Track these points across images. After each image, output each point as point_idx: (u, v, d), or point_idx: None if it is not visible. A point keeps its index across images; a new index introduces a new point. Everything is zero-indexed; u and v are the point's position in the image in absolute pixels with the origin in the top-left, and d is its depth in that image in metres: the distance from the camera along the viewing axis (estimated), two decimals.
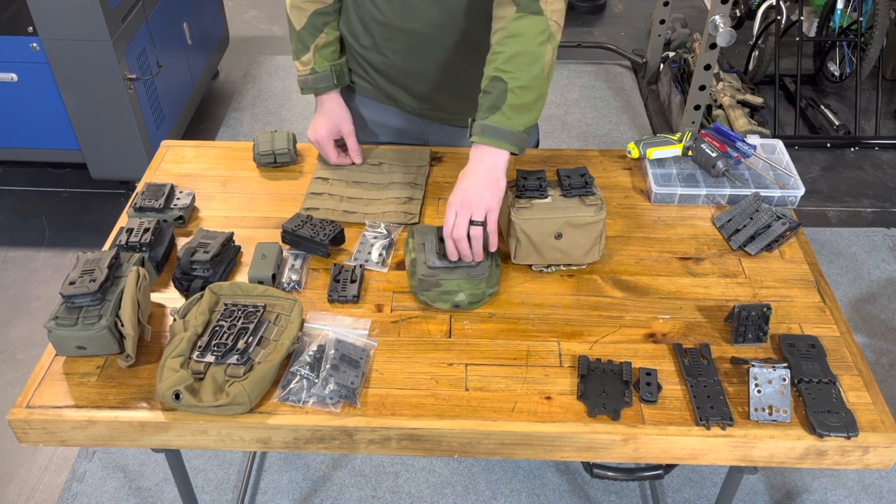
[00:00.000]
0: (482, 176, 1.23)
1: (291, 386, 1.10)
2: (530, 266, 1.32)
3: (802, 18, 3.44)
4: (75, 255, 2.33)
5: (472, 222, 1.22)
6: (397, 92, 1.52)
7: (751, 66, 3.62)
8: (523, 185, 1.30)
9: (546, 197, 1.29)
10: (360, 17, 1.43)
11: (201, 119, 3.37)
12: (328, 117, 1.50)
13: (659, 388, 1.11)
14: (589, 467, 1.54)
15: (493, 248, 1.25)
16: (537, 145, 1.69)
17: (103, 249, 1.23)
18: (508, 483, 1.95)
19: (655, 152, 1.51)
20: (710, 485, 1.95)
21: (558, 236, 1.26)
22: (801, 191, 1.45)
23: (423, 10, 1.34)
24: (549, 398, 1.10)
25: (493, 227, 1.24)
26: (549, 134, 3.28)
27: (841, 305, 2.34)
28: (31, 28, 2.39)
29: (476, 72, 1.37)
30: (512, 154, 1.25)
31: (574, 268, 1.32)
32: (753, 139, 1.53)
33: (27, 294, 2.49)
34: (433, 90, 1.48)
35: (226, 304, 1.17)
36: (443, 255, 1.26)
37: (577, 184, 1.30)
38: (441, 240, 1.28)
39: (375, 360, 1.16)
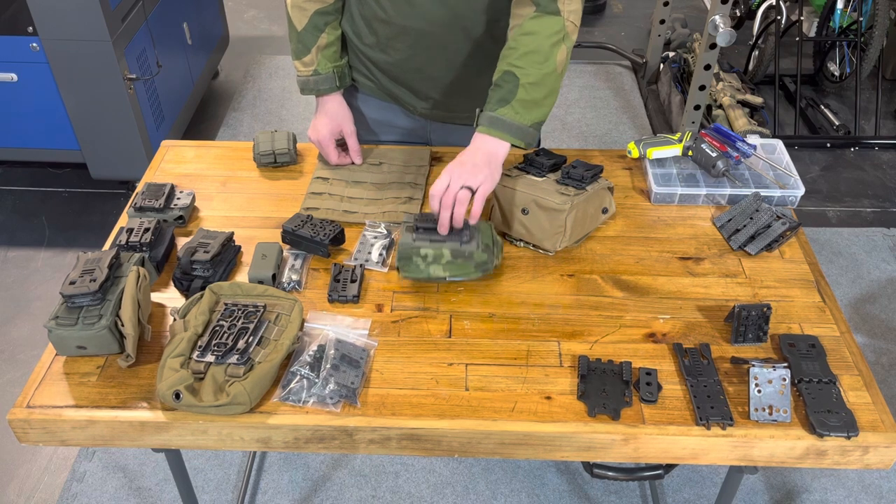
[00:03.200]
0: (481, 158, 1.26)
1: (291, 386, 1.10)
2: (504, 235, 1.38)
3: (802, 18, 3.44)
4: (75, 255, 2.34)
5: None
6: (400, 91, 1.52)
7: (751, 66, 3.62)
8: (531, 160, 1.38)
9: (542, 177, 1.35)
10: (363, 15, 1.43)
11: (201, 119, 3.37)
12: (329, 117, 1.50)
13: (659, 387, 1.11)
14: (589, 467, 1.53)
15: (473, 220, 1.25)
16: (539, 145, 1.69)
17: (103, 249, 1.23)
18: (508, 483, 1.95)
19: (655, 152, 1.51)
20: (710, 485, 1.95)
21: (524, 211, 1.32)
22: (801, 191, 1.45)
23: (428, 8, 1.34)
24: (549, 398, 1.10)
25: (480, 202, 1.23)
26: (549, 134, 3.28)
27: (841, 305, 2.34)
28: (31, 28, 2.39)
29: (479, 71, 1.38)
30: (518, 147, 1.29)
31: (541, 252, 1.35)
32: (753, 139, 1.53)
33: (27, 294, 2.49)
34: (436, 89, 1.48)
35: (226, 304, 1.17)
36: (423, 228, 1.24)
37: (576, 175, 1.34)
38: (417, 221, 1.26)
39: (375, 359, 1.16)
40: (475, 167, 1.23)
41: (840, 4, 3.50)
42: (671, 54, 3.56)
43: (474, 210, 1.23)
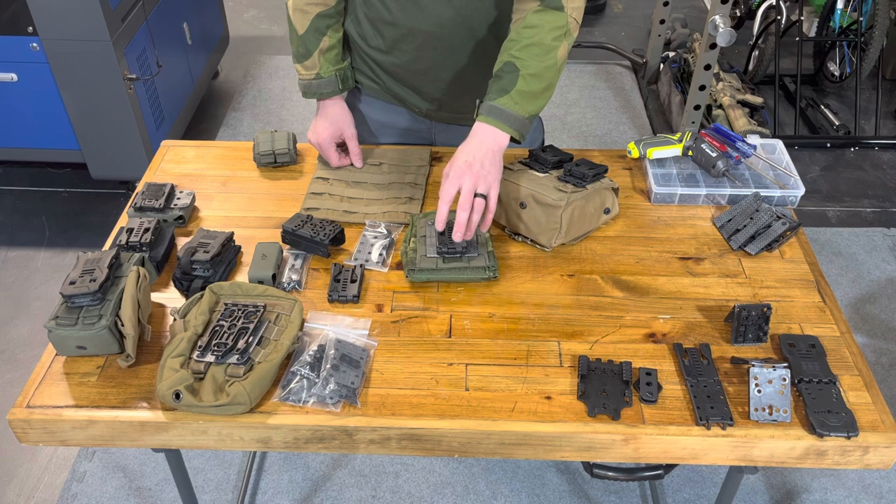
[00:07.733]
0: (484, 153, 1.24)
1: (292, 386, 1.10)
2: (502, 229, 1.39)
3: (802, 18, 3.44)
4: (75, 255, 2.33)
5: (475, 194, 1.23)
6: (405, 92, 1.51)
7: (751, 66, 3.62)
8: (536, 156, 1.39)
9: (545, 173, 1.36)
10: (369, 17, 1.42)
11: (201, 119, 3.37)
12: (330, 121, 1.50)
13: (659, 387, 1.11)
14: (589, 467, 1.53)
15: (485, 227, 1.27)
16: (542, 144, 1.69)
17: (103, 249, 1.23)
18: (508, 483, 1.95)
19: (655, 152, 1.51)
20: (710, 485, 1.95)
21: (522, 205, 1.33)
22: (801, 191, 1.45)
23: (434, 10, 1.33)
24: (549, 398, 1.10)
25: (492, 207, 1.25)
26: (549, 134, 3.28)
27: (841, 305, 2.34)
28: (31, 28, 2.39)
29: (486, 72, 1.37)
30: (513, 140, 1.28)
31: (537, 247, 1.36)
32: (753, 139, 1.53)
33: (27, 294, 2.49)
34: (442, 90, 1.48)
35: (226, 304, 1.17)
36: (442, 250, 1.27)
37: (577, 173, 1.35)
38: (441, 233, 1.28)
39: (375, 359, 1.16)
40: (483, 169, 1.22)
41: (840, 4, 3.50)
42: (671, 54, 3.56)
43: (487, 219, 1.26)
